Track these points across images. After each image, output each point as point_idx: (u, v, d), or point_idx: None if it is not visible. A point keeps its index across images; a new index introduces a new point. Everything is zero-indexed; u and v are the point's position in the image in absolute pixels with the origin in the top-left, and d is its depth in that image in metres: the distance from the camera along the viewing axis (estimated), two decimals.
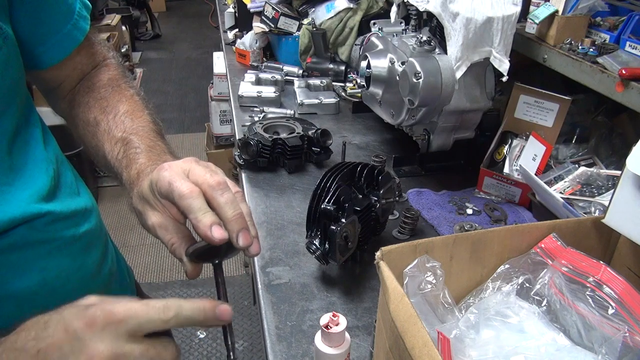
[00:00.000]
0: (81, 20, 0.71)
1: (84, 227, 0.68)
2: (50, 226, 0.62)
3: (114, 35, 4.07)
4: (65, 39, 0.69)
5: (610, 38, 1.02)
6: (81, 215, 0.68)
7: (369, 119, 1.53)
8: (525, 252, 0.67)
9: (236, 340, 2.18)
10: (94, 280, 0.70)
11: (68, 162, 0.73)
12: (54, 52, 0.69)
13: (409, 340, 0.47)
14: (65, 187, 0.68)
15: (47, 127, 0.71)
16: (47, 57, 0.69)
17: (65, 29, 0.68)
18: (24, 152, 0.62)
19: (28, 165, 0.62)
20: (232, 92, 1.72)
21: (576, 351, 0.58)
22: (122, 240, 2.80)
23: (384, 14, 1.59)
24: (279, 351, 0.76)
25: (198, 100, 4.61)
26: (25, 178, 0.60)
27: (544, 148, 1.08)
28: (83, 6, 0.71)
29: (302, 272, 0.93)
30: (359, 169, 0.94)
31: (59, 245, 0.63)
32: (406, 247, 0.60)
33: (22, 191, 0.59)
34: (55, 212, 0.62)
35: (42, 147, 0.65)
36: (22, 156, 0.62)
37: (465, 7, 1.02)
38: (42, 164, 0.64)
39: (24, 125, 0.64)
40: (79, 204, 0.68)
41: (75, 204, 0.67)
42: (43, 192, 0.62)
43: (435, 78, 1.02)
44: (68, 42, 0.70)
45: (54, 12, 0.66)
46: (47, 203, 0.62)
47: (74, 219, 0.66)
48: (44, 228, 0.61)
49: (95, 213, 0.73)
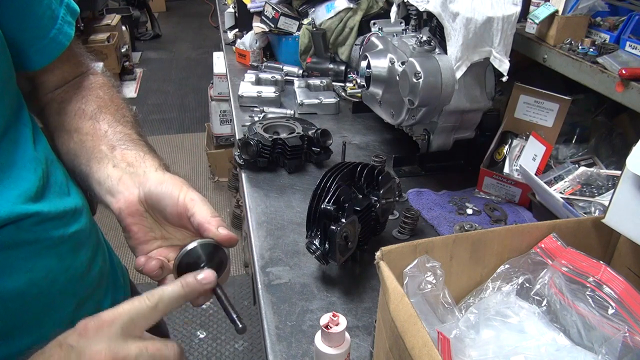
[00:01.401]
0: (65, 26, 0.71)
1: (73, 228, 0.67)
2: (37, 226, 0.61)
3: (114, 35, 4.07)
4: (50, 44, 0.69)
5: (610, 38, 1.02)
6: (70, 215, 0.67)
7: (369, 119, 1.53)
8: (525, 252, 0.67)
9: (236, 340, 2.19)
10: (82, 281, 0.70)
11: (59, 162, 0.73)
12: (40, 56, 0.70)
13: (409, 340, 0.47)
14: (55, 186, 0.67)
15: (38, 126, 0.70)
16: (31, 62, 0.69)
17: (51, 33, 0.68)
18: (13, 152, 0.61)
19: (16, 164, 0.61)
20: (232, 92, 1.72)
21: (576, 351, 0.58)
22: (121, 240, 2.77)
23: (384, 14, 1.59)
24: (279, 351, 0.76)
25: (198, 100, 4.61)
26: (12, 178, 0.60)
27: (544, 148, 1.08)
28: (67, 12, 0.71)
29: (302, 272, 0.93)
30: (359, 169, 0.94)
31: (47, 245, 0.63)
32: (406, 247, 0.60)
33: (9, 191, 0.58)
34: (43, 212, 0.61)
35: (31, 146, 0.65)
36: (10, 155, 0.61)
37: (465, 7, 1.02)
38: (30, 163, 0.63)
39: (14, 124, 0.63)
40: (69, 204, 0.68)
41: (65, 204, 0.67)
42: (31, 192, 0.61)
43: (435, 78, 1.02)
44: (53, 47, 0.70)
45: (39, 17, 0.67)
46: (35, 203, 0.61)
47: (63, 219, 0.66)
48: (31, 228, 0.60)
49: (86, 213, 0.72)
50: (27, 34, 0.66)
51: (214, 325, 2.28)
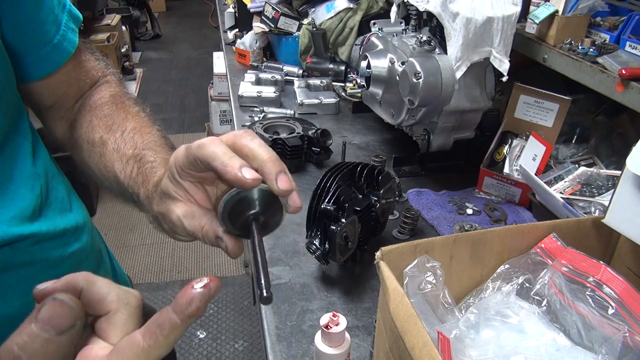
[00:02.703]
0: (69, 32, 0.68)
1: (73, 247, 0.65)
2: (34, 247, 0.58)
3: (114, 35, 4.07)
4: (54, 51, 0.66)
5: (610, 38, 1.02)
6: (71, 233, 0.65)
7: (369, 119, 1.53)
8: (525, 252, 0.67)
9: (236, 340, 2.19)
10: None
11: (61, 174, 0.70)
12: (43, 64, 0.66)
13: (409, 340, 0.47)
14: (56, 203, 0.64)
15: (38, 138, 0.67)
16: (37, 69, 0.66)
17: (55, 40, 0.65)
18: (10, 167, 0.59)
19: (13, 181, 0.58)
20: (232, 92, 1.72)
21: (576, 351, 0.58)
22: (122, 240, 2.79)
23: (384, 14, 1.59)
24: (279, 351, 0.76)
25: (198, 100, 4.61)
26: (8, 196, 0.57)
27: (544, 148, 1.08)
28: (70, 18, 0.68)
29: (302, 272, 0.93)
30: (359, 169, 0.94)
31: (44, 266, 0.60)
32: (406, 247, 0.60)
33: (4, 211, 0.56)
34: (41, 232, 0.59)
35: (30, 161, 0.62)
36: (7, 172, 0.58)
37: (465, 7, 1.02)
38: (28, 179, 0.60)
39: (12, 137, 0.60)
40: (69, 222, 0.65)
41: (65, 221, 0.64)
42: (27, 211, 0.58)
43: (435, 78, 1.02)
44: (57, 54, 0.67)
45: (41, 22, 0.63)
46: (32, 223, 0.58)
47: (63, 237, 0.63)
48: (28, 249, 0.57)
49: (87, 230, 0.70)
50: (29, 40, 0.63)
51: (214, 325, 2.28)
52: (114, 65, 0.78)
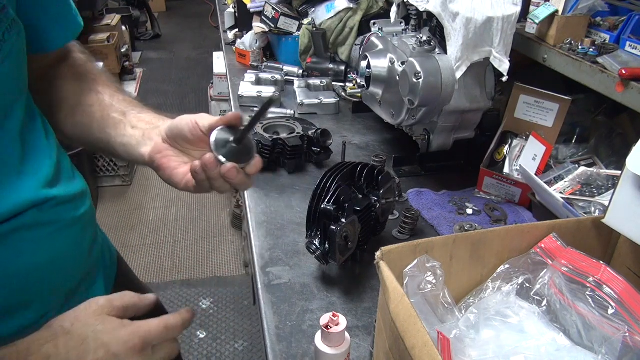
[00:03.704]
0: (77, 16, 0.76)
1: (81, 210, 0.72)
2: (54, 208, 0.66)
3: (114, 35, 4.06)
4: (74, 21, 0.74)
5: (610, 38, 1.02)
6: (79, 198, 0.73)
7: (369, 119, 1.53)
8: (525, 252, 0.67)
9: (236, 340, 2.19)
10: (87, 260, 0.75)
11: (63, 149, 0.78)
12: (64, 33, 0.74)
13: (409, 340, 0.47)
14: (65, 172, 0.72)
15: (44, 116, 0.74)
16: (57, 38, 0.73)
17: (71, 15, 0.73)
18: (32, 142, 0.67)
19: (36, 153, 0.67)
20: (232, 92, 1.72)
21: (576, 351, 0.58)
22: (122, 240, 2.80)
23: (384, 14, 1.59)
24: (279, 351, 0.76)
25: (198, 100, 4.60)
26: (33, 166, 0.65)
27: (544, 148, 1.08)
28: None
29: (302, 272, 0.93)
30: (359, 169, 0.94)
31: (63, 226, 0.68)
32: (406, 247, 0.60)
33: (31, 177, 0.64)
34: (60, 196, 0.67)
35: (44, 136, 0.69)
36: (31, 145, 0.66)
37: (465, 7, 1.02)
38: (46, 152, 0.69)
39: (30, 115, 0.68)
40: (77, 188, 0.73)
41: (73, 188, 0.72)
42: (48, 178, 0.67)
43: (435, 78, 1.02)
44: (75, 25, 0.75)
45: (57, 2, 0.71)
46: (52, 188, 0.67)
47: (73, 202, 0.71)
48: (49, 210, 0.66)
49: (88, 196, 0.77)
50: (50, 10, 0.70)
51: (214, 325, 2.28)
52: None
